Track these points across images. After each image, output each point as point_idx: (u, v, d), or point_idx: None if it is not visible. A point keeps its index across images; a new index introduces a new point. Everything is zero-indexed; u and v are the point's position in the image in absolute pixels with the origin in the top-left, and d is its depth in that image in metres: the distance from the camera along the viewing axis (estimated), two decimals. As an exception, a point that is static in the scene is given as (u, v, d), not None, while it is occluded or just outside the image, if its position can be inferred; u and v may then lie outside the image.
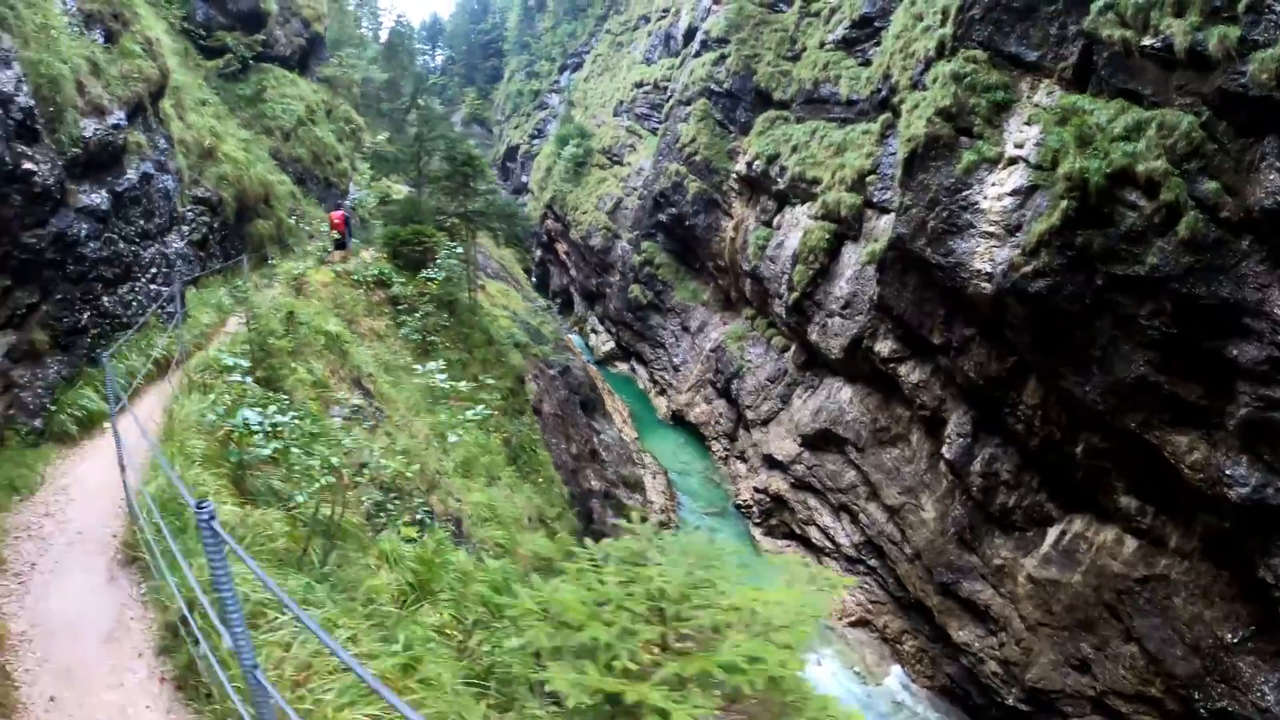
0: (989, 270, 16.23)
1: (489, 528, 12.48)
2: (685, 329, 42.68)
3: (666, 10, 53.61)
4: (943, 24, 19.74)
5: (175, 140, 16.99)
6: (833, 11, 32.94)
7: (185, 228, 16.81)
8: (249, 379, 10.94)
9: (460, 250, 23.79)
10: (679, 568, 5.35)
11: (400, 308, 20.90)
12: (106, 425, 10.24)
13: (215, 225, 19.22)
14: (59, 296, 10.81)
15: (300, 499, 8.44)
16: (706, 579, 5.29)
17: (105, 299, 12.19)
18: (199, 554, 6.47)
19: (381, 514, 9.84)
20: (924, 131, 18.02)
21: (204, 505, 3.53)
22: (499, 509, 13.33)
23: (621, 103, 58.51)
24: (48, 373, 10.50)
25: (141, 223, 13.81)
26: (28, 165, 9.79)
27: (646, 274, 46.16)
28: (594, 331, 54.30)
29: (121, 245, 12.84)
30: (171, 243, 15.30)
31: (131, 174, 13.52)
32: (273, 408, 9.53)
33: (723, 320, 40.15)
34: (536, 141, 78.70)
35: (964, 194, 17.03)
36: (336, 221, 24.41)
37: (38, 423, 10.09)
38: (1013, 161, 16.25)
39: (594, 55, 73.25)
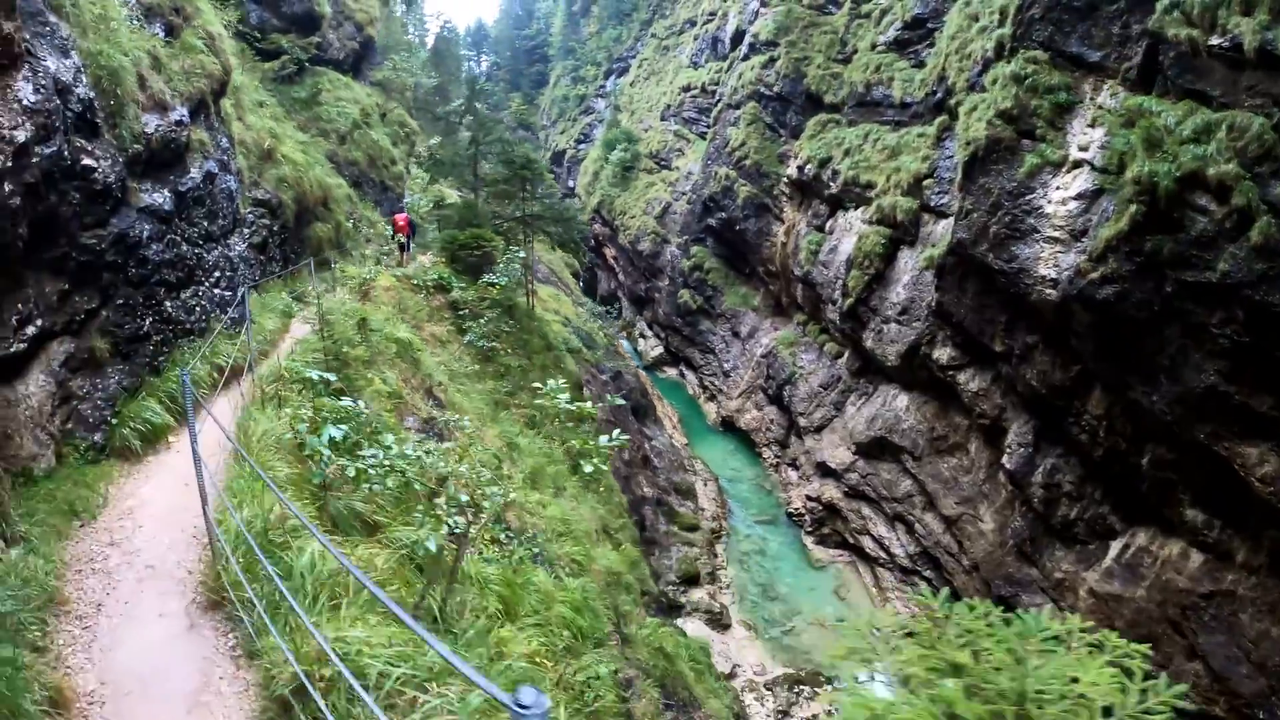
0: (1054, 276, 15.97)
1: (564, 543, 12.34)
2: (735, 334, 42.58)
3: (713, 14, 53.58)
4: (1000, 24, 19.51)
5: (235, 141, 16.48)
6: (883, 13, 32.68)
7: (245, 230, 16.41)
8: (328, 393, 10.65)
9: (523, 254, 23.92)
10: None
11: (461, 313, 20.91)
12: (172, 439, 10.03)
13: (275, 228, 18.95)
14: (120, 301, 10.25)
15: (413, 535, 7.54)
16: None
17: (168, 304, 11.68)
18: (305, 598, 6.05)
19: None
20: (984, 134, 17.80)
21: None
22: (571, 522, 13.28)
23: (669, 107, 58.57)
24: (108, 383, 9.91)
25: (205, 224, 13.37)
26: (87, 161, 9.27)
27: (696, 279, 46.15)
28: (642, 336, 54.38)
29: (185, 247, 12.36)
30: (234, 245, 14.88)
31: (195, 173, 13.01)
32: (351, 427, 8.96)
33: (773, 326, 39.98)
34: (582, 146, 79.02)
35: (1027, 198, 16.78)
36: (401, 224, 24.72)
37: (98, 437, 9.48)
38: (1077, 165, 15.98)
39: (639, 60, 73.41)
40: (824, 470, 28.69)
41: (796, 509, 29.57)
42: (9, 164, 7.37)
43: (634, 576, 14.12)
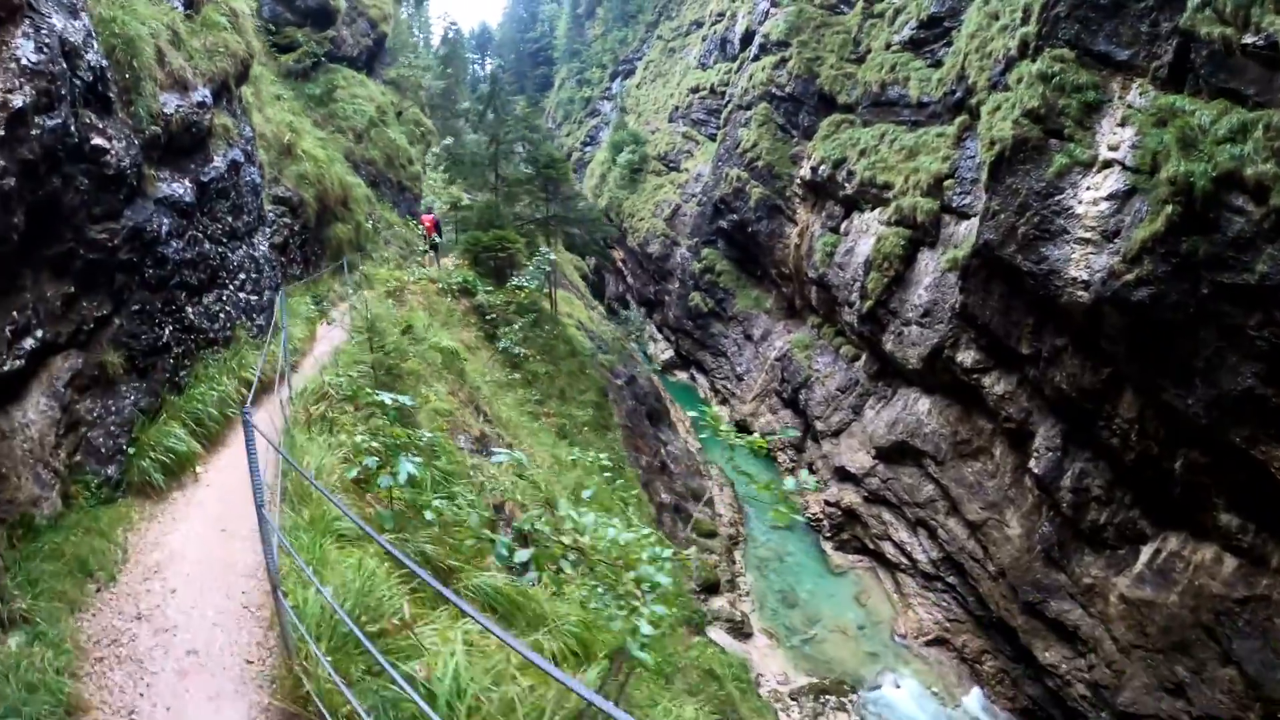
0: (1085, 278, 15.86)
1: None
2: (748, 337, 42.53)
3: (721, 14, 53.56)
4: (1024, 22, 19.43)
5: (256, 133, 14.99)
6: (897, 12, 32.64)
7: (267, 229, 15.05)
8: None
9: (553, 255, 23.79)
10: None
11: (489, 318, 20.67)
12: (200, 470, 8.71)
13: (296, 228, 18.14)
14: (135, 307, 8.86)
15: (492, 580, 6.67)
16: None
17: (189, 310, 10.25)
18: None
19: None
20: (1011, 133, 17.69)
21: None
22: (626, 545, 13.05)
23: (677, 108, 58.58)
24: (123, 405, 8.49)
25: (229, 219, 12.03)
26: (98, 140, 7.87)
27: (707, 281, 46.16)
28: (652, 339, 54.33)
29: (207, 245, 11.01)
30: (259, 244, 13.53)
31: (219, 162, 11.59)
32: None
33: (786, 328, 39.91)
34: (589, 149, 79.16)
35: (1056, 198, 16.68)
36: (428, 225, 24.60)
37: (112, 470, 7.98)
38: (1107, 165, 15.87)
39: (645, 61, 73.54)
40: (843, 475, 28.58)
41: (814, 514, 29.45)
42: (1, 132, 6.12)
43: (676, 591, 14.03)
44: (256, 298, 12.99)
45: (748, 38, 45.78)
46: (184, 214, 10.21)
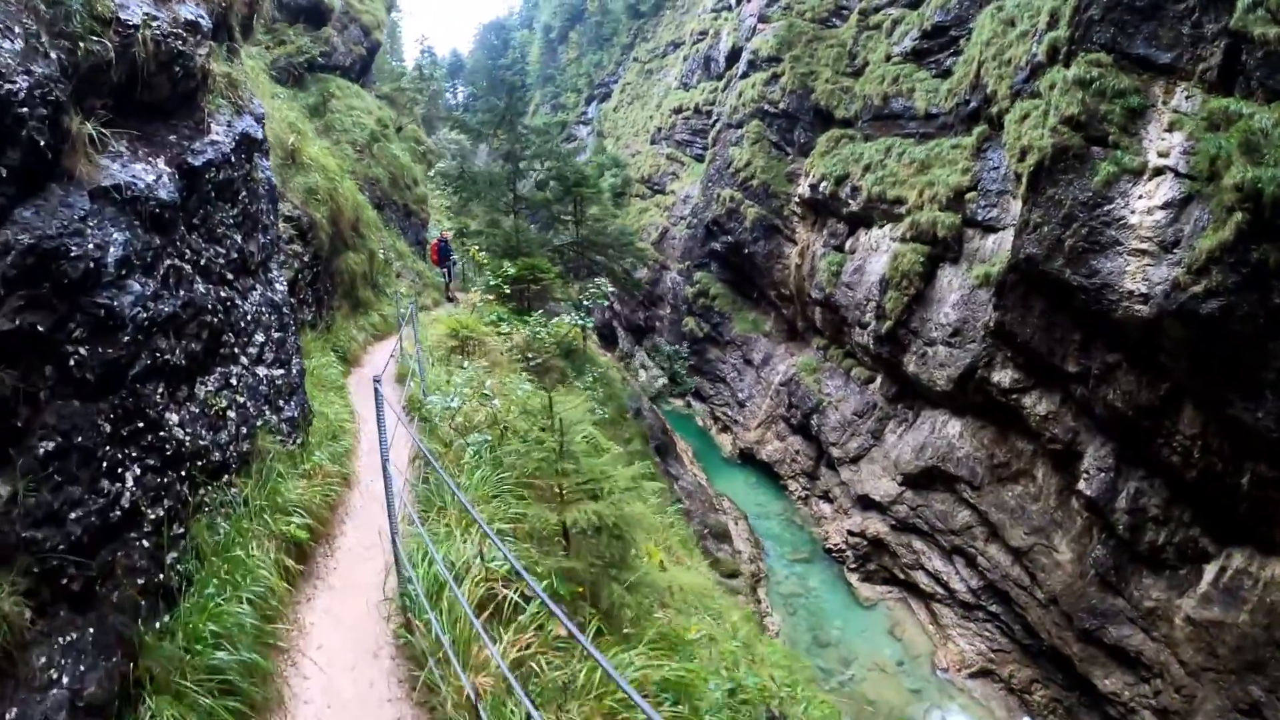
0: (1144, 291, 15.53)
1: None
2: (748, 362, 42.10)
3: (704, 33, 53.62)
4: (1050, 27, 19.30)
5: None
6: (895, 23, 32.64)
7: (279, 257, 10.58)
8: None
9: (608, 286, 22.91)
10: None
11: (533, 362, 18.47)
12: None
13: (307, 258, 14.98)
14: (47, 447, 4.49)
15: None
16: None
17: (173, 418, 5.95)
18: None
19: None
20: (1050, 142, 17.41)
21: None
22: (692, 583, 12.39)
23: (659, 129, 58.46)
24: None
25: (237, 238, 7.72)
26: None
27: (701, 305, 45.79)
28: (643, 367, 53.76)
29: (201, 287, 6.66)
30: (277, 281, 9.14)
31: (220, 134, 7.37)
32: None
33: (788, 351, 39.54)
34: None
35: (1105, 208, 16.37)
36: (433, 250, 23.61)
37: None
38: (1159, 172, 15.60)
39: (622, 84, 73.68)
40: (865, 503, 28.09)
41: (836, 544, 28.92)
42: None
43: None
44: (282, 371, 8.71)
45: (734, 55, 45.75)
46: (157, 224, 5.89)
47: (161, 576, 5.52)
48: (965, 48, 26.25)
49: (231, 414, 7.17)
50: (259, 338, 8.25)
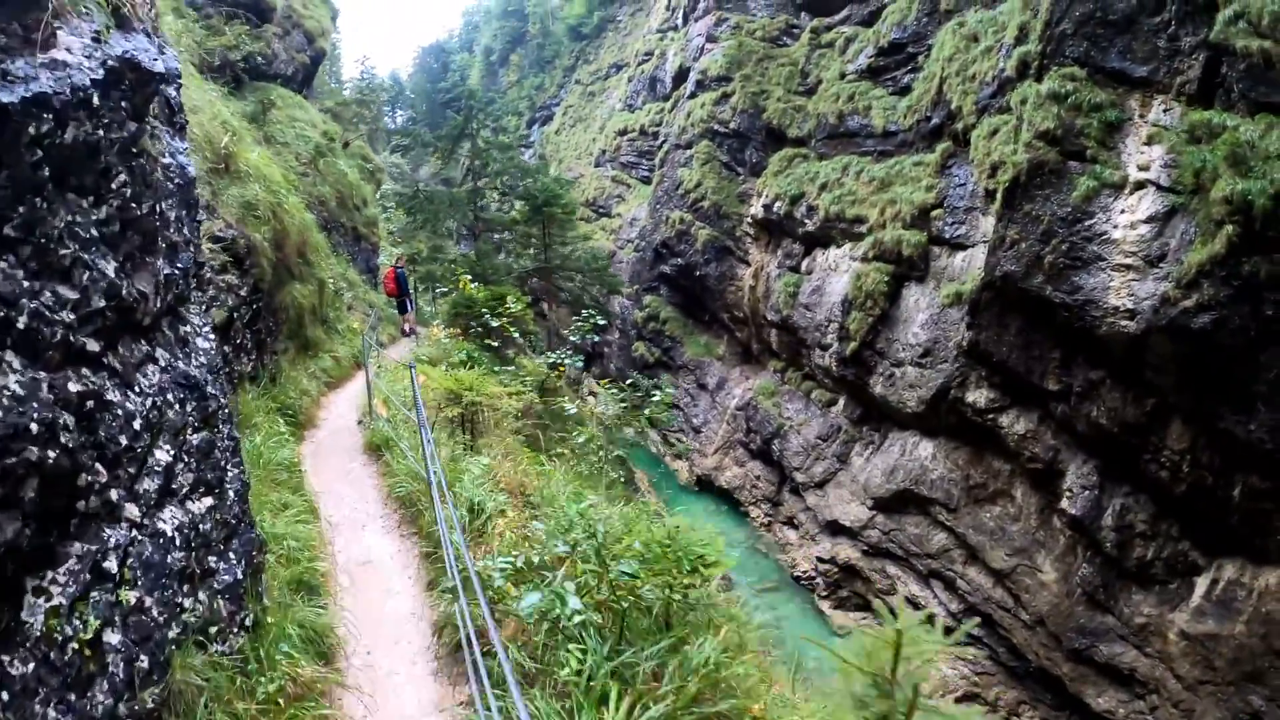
0: (1130, 306, 15.52)
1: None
2: (702, 387, 41.81)
3: (649, 53, 53.67)
4: (1019, 42, 19.42)
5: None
6: (849, 41, 32.84)
7: (200, 296, 7.44)
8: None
9: (601, 320, 21.86)
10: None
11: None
12: None
13: (244, 291, 12.45)
14: None
15: None
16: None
17: None
18: None
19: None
20: (1025, 157, 17.41)
21: None
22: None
23: (604, 152, 58.28)
24: None
25: (108, 267, 4.57)
26: None
27: (651, 330, 45.42)
28: (591, 394, 53.19)
29: (13, 387, 3.66)
30: (199, 341, 6.21)
31: (74, 52, 4.25)
32: None
33: (744, 375, 39.34)
34: (507, 199, 78.44)
35: (1086, 223, 16.38)
36: (387, 279, 22.31)
37: None
38: (1140, 186, 15.67)
39: (564, 107, 73.57)
40: (835, 528, 27.83)
41: (805, 572, 28.60)
42: None
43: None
44: (212, 501, 5.86)
45: (682, 75, 45.76)
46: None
47: None
48: (925, 64, 26.40)
49: (113, 640, 4.20)
50: (163, 454, 5.12)
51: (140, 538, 4.65)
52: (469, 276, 20.96)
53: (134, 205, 4.93)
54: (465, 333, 20.98)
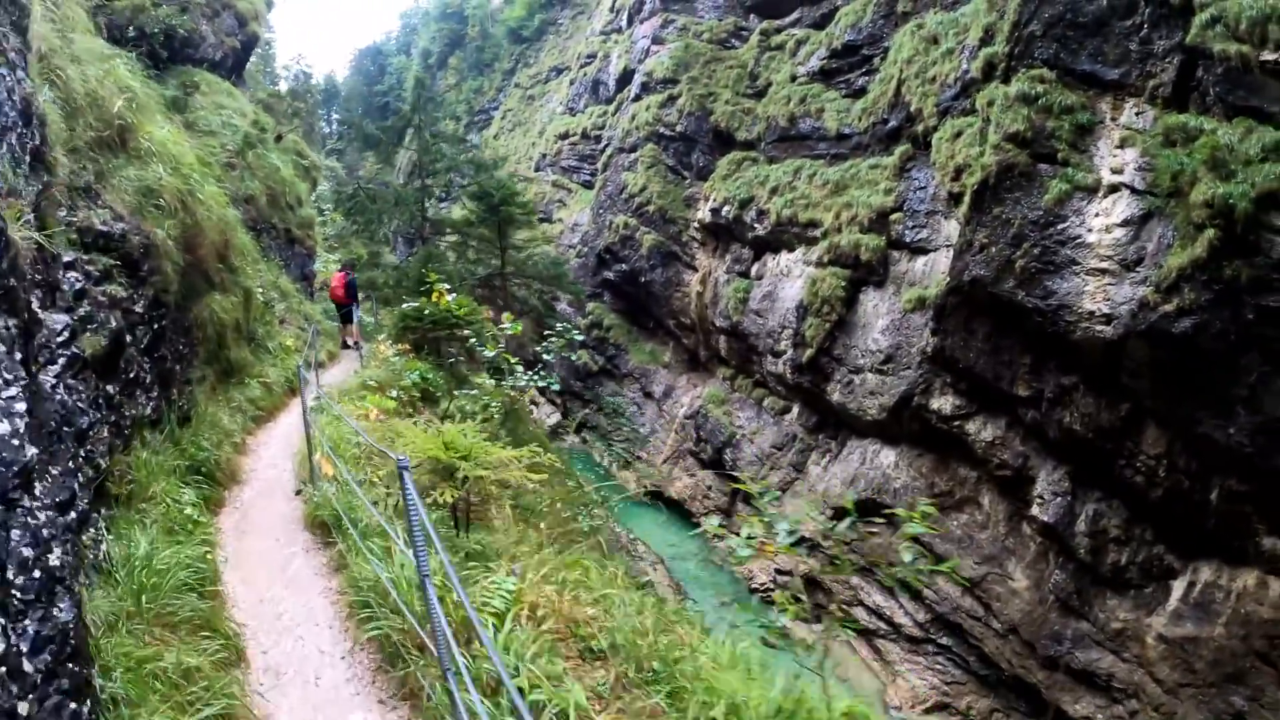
0: (1106, 311, 15.48)
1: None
2: (648, 395, 41.45)
3: (592, 56, 53.22)
4: (984, 43, 19.41)
5: (33, 51, 6.96)
6: (799, 44, 32.80)
7: (59, 319, 6.56)
8: None
9: (578, 334, 19.89)
10: None
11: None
12: None
13: (139, 307, 9.82)
14: None
15: None
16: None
17: None
18: None
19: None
20: (994, 160, 17.35)
21: None
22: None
23: (544, 156, 57.66)
24: None
25: None
26: None
27: (595, 338, 44.91)
28: (533, 405, 52.49)
29: None
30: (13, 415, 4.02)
31: None
32: None
33: (691, 383, 39.07)
34: (444, 205, 77.34)
35: (1059, 227, 16.33)
36: (336, 285, 20.90)
37: None
38: (1114, 189, 15.66)
39: (503, 110, 72.85)
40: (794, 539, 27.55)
41: (763, 584, 28.32)
42: None
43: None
44: None
45: (626, 77, 45.40)
46: None
47: None
48: (882, 66, 26.37)
49: None
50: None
51: None
52: (446, 285, 19.48)
53: None
54: (417, 349, 19.53)
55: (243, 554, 9.09)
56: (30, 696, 3.65)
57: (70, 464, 5.19)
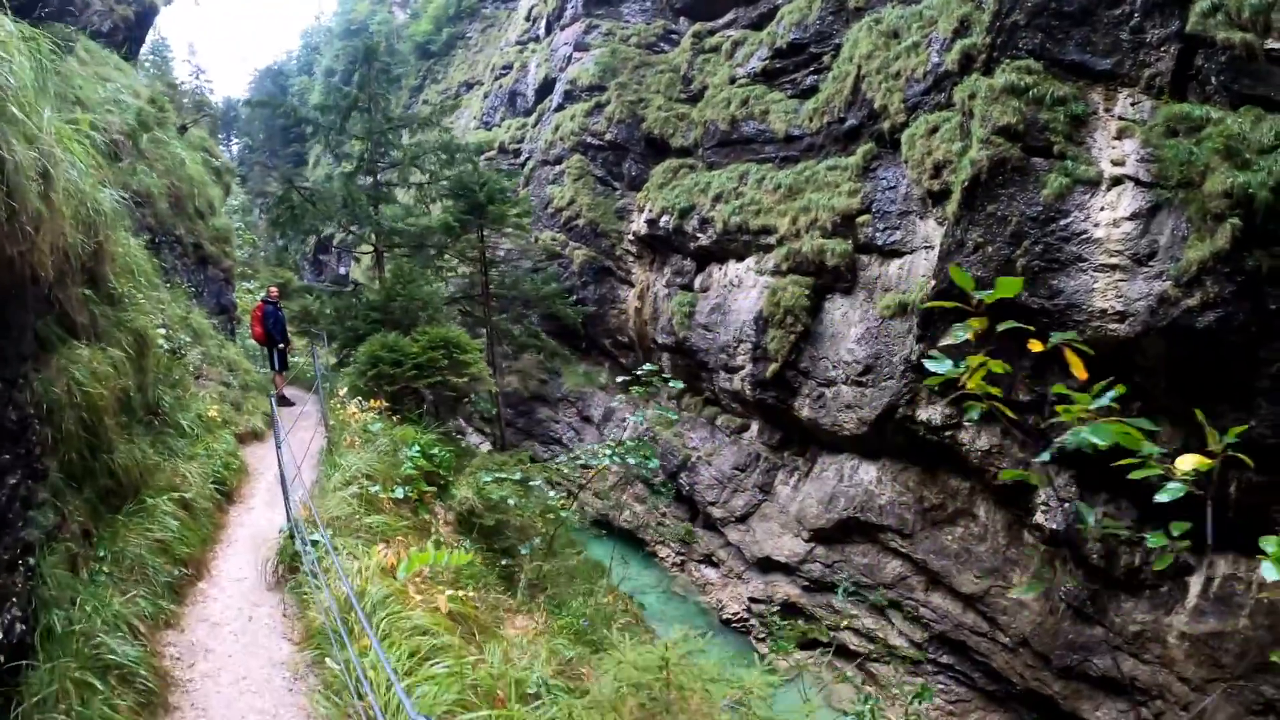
0: (1120, 309, 15.49)
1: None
2: (586, 419, 40.76)
3: (508, 67, 52.36)
4: (959, 35, 19.43)
5: None
6: (736, 45, 32.68)
7: None
8: None
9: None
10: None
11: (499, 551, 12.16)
12: None
13: None
14: None
15: None
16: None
17: None
18: None
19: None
20: (984, 155, 17.26)
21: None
22: None
23: (458, 172, 56.52)
24: None
25: None
26: None
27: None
28: (459, 434, 51.27)
29: None
30: None
31: None
32: None
33: (632, 404, 38.49)
34: (354, 229, 75.40)
35: (1062, 223, 16.31)
36: (256, 319, 18.11)
37: None
38: (1117, 181, 15.71)
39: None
40: (767, 565, 27.21)
41: (736, 613, 27.87)
42: None
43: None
44: None
45: (547, 87, 44.68)
46: None
47: None
48: (834, 64, 26.30)
49: None
50: None
51: None
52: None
53: None
54: (393, 403, 16.57)
55: None
56: None
57: None
